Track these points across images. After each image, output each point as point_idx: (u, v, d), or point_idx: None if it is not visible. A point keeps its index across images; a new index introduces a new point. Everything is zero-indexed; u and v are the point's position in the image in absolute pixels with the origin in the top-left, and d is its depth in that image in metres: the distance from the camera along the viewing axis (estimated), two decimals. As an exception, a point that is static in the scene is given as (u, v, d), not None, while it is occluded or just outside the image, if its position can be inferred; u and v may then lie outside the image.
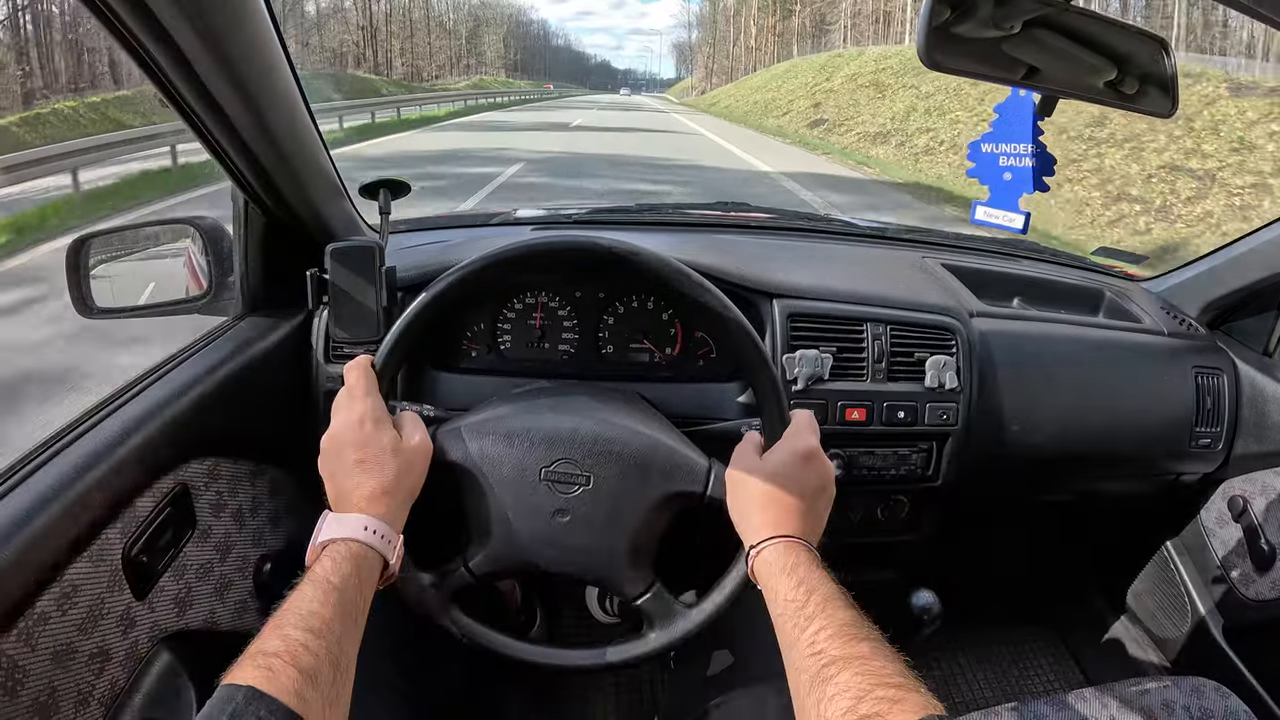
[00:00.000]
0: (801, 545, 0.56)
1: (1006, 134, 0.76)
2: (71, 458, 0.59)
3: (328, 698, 0.43)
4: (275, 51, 0.64)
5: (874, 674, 0.44)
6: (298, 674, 0.42)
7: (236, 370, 0.77)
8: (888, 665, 0.45)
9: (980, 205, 0.80)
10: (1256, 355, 1.04)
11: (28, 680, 0.52)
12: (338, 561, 0.51)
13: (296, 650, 0.44)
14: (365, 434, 0.58)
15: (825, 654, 0.47)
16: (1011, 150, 0.77)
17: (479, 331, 0.88)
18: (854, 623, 0.49)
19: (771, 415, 0.64)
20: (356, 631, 0.49)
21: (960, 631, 1.34)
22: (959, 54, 0.67)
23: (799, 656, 0.48)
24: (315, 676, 0.43)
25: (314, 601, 0.47)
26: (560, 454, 0.63)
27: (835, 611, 0.50)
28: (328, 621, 0.46)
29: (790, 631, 0.50)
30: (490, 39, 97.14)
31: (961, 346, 0.88)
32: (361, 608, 0.51)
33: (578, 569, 0.64)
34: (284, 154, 0.73)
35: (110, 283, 0.84)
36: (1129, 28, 0.71)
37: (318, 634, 0.45)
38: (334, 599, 0.48)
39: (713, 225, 1.18)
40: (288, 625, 0.45)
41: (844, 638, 0.47)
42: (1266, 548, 0.98)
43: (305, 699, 0.42)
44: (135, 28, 0.52)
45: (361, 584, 0.51)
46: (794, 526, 0.57)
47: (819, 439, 0.63)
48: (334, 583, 0.49)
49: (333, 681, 0.44)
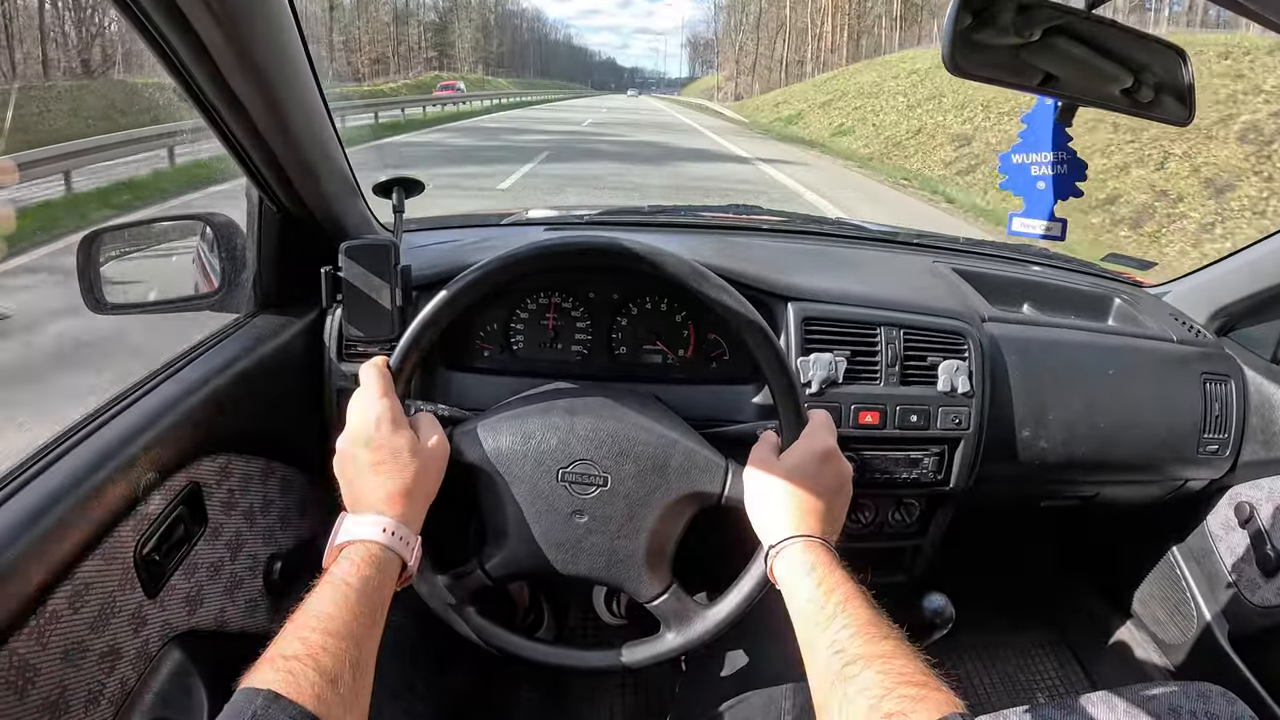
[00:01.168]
0: (821, 544, 0.56)
1: (1036, 143, 0.76)
2: (84, 455, 0.58)
3: (347, 701, 0.43)
4: (296, 46, 0.64)
5: (896, 673, 0.44)
6: (318, 677, 0.42)
7: (249, 368, 0.76)
8: (910, 664, 0.45)
9: (1016, 217, 0.80)
10: (1265, 362, 1.05)
11: (38, 679, 0.51)
12: (356, 563, 0.51)
13: (316, 653, 0.43)
14: (382, 435, 0.58)
15: (847, 653, 0.47)
16: (1042, 159, 0.77)
17: (492, 331, 0.88)
18: (875, 622, 0.49)
19: (789, 415, 0.64)
20: (375, 633, 0.49)
21: (967, 635, 1.34)
22: (981, 61, 0.67)
23: (820, 656, 0.48)
24: (335, 679, 0.43)
25: (333, 604, 0.47)
26: (578, 455, 0.63)
27: (856, 610, 0.50)
28: (347, 624, 0.46)
29: (811, 631, 0.50)
30: (463, 28, 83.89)
31: (974, 351, 0.88)
32: (380, 609, 0.50)
33: (595, 570, 0.64)
34: (301, 150, 0.73)
35: (122, 278, 0.83)
36: (1148, 37, 0.72)
37: (337, 636, 0.45)
38: (353, 601, 0.48)
39: (725, 228, 1.18)
40: (307, 628, 0.45)
41: (865, 636, 0.47)
42: (1273, 554, 0.99)
43: (325, 702, 0.41)
44: (157, 18, 0.52)
45: (380, 586, 0.51)
46: (813, 526, 0.57)
47: (836, 439, 0.63)
48: (353, 584, 0.49)
49: (352, 684, 0.44)
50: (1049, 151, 0.77)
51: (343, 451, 0.59)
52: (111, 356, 2.43)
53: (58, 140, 7.04)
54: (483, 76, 67.56)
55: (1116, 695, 0.81)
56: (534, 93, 48.45)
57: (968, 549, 1.18)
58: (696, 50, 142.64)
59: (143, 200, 6.58)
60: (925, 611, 0.82)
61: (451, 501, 0.63)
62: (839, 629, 0.48)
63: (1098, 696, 0.81)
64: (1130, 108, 0.77)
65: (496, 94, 36.45)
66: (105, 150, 7.57)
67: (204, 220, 0.85)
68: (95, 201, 6.33)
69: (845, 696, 0.45)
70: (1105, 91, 0.77)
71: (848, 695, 0.45)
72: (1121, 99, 0.77)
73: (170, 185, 7.14)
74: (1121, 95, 0.77)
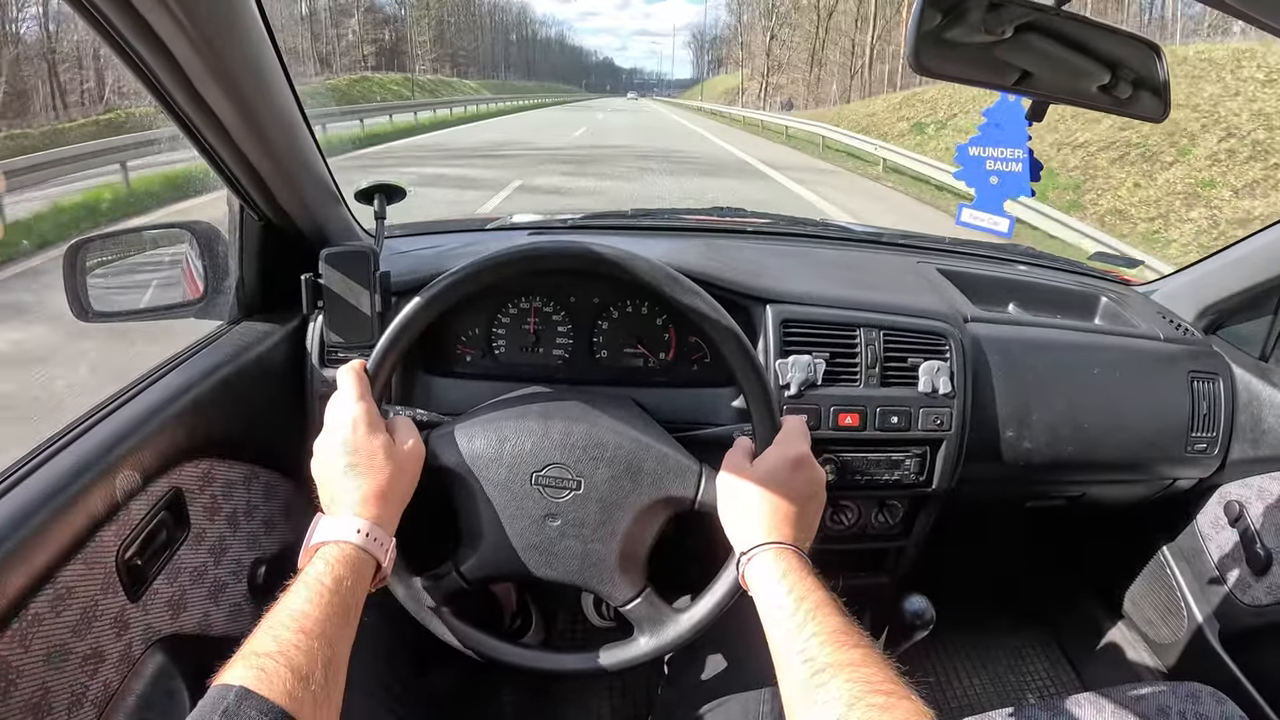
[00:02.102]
0: (793, 551, 0.56)
1: (995, 138, 0.76)
2: (65, 462, 0.59)
3: (319, 698, 0.44)
4: (270, 58, 0.64)
5: (865, 681, 0.44)
6: (289, 674, 0.43)
7: (231, 374, 0.77)
8: (879, 672, 0.45)
9: (966, 208, 0.80)
10: (1252, 360, 1.04)
11: (21, 680, 0.52)
12: (330, 563, 0.51)
13: (289, 650, 0.44)
14: (358, 438, 0.58)
15: (816, 661, 0.47)
16: (999, 154, 0.77)
17: (474, 336, 0.88)
18: (845, 629, 0.49)
19: (762, 421, 0.64)
20: (348, 632, 0.50)
21: (957, 636, 1.34)
22: (950, 59, 0.67)
23: (791, 663, 0.48)
24: (307, 677, 0.43)
25: (306, 602, 0.48)
26: (551, 458, 0.63)
27: (827, 618, 0.50)
28: (319, 622, 0.47)
29: (782, 638, 0.50)
30: (417, 20, 66.56)
31: (955, 351, 0.88)
32: (354, 609, 0.51)
33: (568, 574, 0.64)
34: (279, 160, 0.73)
35: (108, 285, 0.84)
36: (1121, 32, 0.71)
37: (310, 634, 0.46)
38: (326, 600, 0.48)
39: (708, 230, 1.18)
40: (280, 625, 0.46)
41: (835, 644, 0.47)
42: (1263, 553, 0.98)
43: (297, 699, 0.42)
44: (128, 34, 0.53)
45: (354, 585, 0.51)
46: (785, 533, 0.57)
47: (810, 445, 0.63)
48: (326, 584, 0.49)
49: (324, 682, 0.44)
50: (1006, 147, 0.77)
51: (319, 453, 0.60)
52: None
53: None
54: (443, 79, 50.90)
55: (1105, 696, 0.81)
56: (517, 97, 37.19)
57: (958, 550, 1.18)
58: (704, 48, 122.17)
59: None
60: (905, 613, 0.82)
61: (428, 504, 0.63)
62: (809, 636, 0.49)
63: (1086, 698, 0.81)
64: (1108, 104, 0.76)
65: (458, 101, 26.61)
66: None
67: (188, 228, 0.86)
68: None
69: (814, 704, 0.45)
70: (1082, 88, 0.76)
71: (817, 703, 0.45)
72: (1099, 95, 0.76)
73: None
74: (1099, 92, 0.76)
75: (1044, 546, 1.39)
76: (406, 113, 18.09)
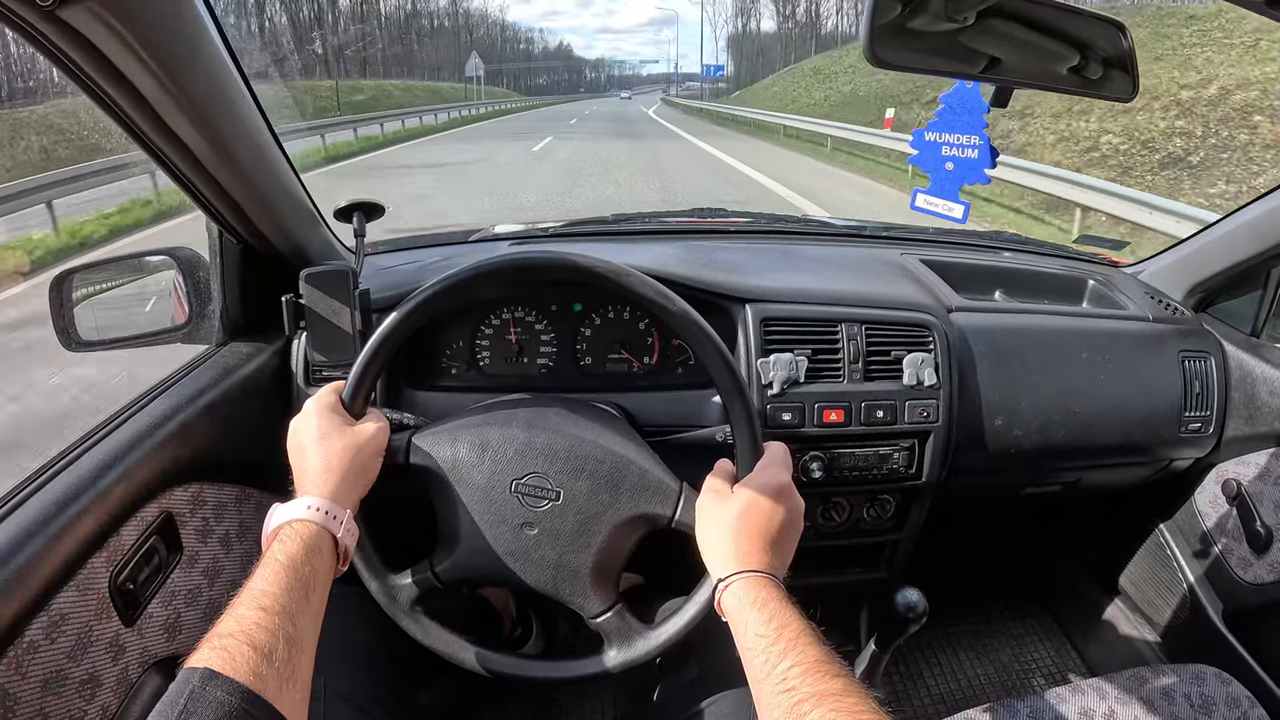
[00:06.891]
0: (769, 580, 0.55)
1: (951, 124, 0.75)
2: (55, 490, 0.60)
3: (283, 675, 0.44)
4: (235, 85, 0.65)
5: (846, 711, 0.44)
6: (252, 652, 0.43)
7: (217, 397, 0.78)
8: (860, 702, 0.45)
9: (920, 193, 0.79)
10: (1244, 336, 1.03)
11: (19, 708, 0.53)
12: (284, 542, 0.52)
13: (250, 629, 0.45)
14: (314, 422, 0.61)
15: (797, 691, 0.46)
16: (955, 141, 0.76)
17: (458, 349, 0.89)
18: (825, 659, 0.49)
19: (745, 445, 0.63)
20: (309, 609, 0.50)
21: (959, 625, 1.34)
22: (911, 50, 0.67)
23: (770, 693, 0.48)
24: (269, 654, 0.44)
25: (264, 580, 0.49)
26: (532, 468, 0.64)
27: (806, 648, 0.49)
28: (277, 598, 0.47)
29: (761, 668, 0.50)
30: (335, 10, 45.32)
31: (939, 342, 0.87)
32: (311, 585, 0.51)
33: (541, 583, 0.64)
34: (252, 184, 0.74)
35: (93, 315, 0.85)
36: (1084, 12, 0.71)
37: (269, 611, 0.46)
38: (283, 576, 0.49)
39: (689, 232, 1.18)
40: (242, 605, 0.47)
41: (816, 674, 0.47)
42: (1262, 530, 0.97)
43: (261, 677, 0.42)
44: (90, 70, 0.54)
45: (308, 560, 0.52)
46: (762, 561, 0.57)
47: (790, 474, 0.62)
48: (281, 560, 0.50)
49: (287, 659, 0.45)
50: (963, 134, 0.76)
51: (288, 445, 0.62)
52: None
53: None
54: (348, 83, 31.56)
55: (1109, 681, 0.80)
56: (455, 106, 23.83)
57: (957, 540, 1.17)
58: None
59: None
60: (898, 606, 0.81)
61: (407, 503, 0.63)
62: (789, 667, 0.48)
63: (1091, 683, 0.80)
64: (1078, 87, 0.75)
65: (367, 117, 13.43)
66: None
67: (170, 254, 0.86)
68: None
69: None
70: (1051, 71, 0.75)
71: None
72: (1069, 78, 0.75)
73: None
74: (1069, 74, 0.75)
75: (1044, 533, 1.38)
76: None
